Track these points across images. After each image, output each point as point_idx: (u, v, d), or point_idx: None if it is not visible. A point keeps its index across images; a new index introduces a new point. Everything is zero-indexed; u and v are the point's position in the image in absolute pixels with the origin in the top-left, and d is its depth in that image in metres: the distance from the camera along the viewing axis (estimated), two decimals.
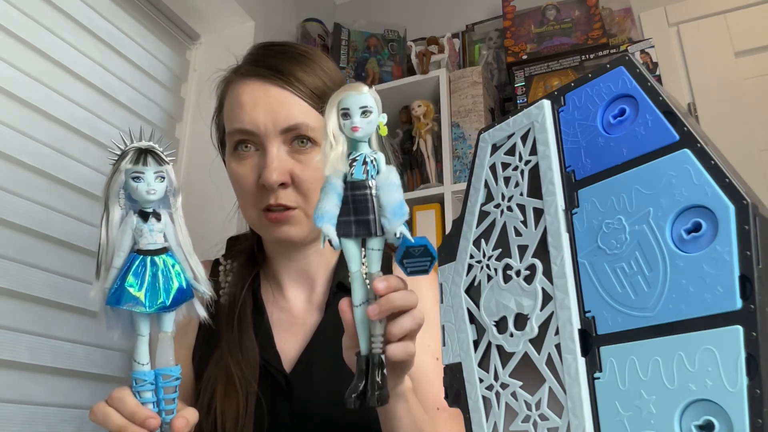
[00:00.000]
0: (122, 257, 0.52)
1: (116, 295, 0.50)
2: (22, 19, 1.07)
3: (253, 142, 0.72)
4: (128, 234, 0.52)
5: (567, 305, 0.32)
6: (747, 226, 0.26)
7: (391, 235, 0.51)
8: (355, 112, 0.51)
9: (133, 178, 0.51)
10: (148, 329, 0.53)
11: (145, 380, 0.52)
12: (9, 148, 1.01)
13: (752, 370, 0.25)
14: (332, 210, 0.52)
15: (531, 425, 0.33)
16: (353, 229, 0.51)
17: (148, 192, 0.51)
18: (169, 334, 0.54)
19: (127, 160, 0.52)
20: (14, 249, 0.99)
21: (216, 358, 0.73)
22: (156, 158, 0.52)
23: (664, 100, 0.31)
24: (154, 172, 0.52)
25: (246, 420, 0.69)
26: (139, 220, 0.52)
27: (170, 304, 0.52)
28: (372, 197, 0.51)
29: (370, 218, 0.51)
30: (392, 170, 0.52)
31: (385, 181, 0.51)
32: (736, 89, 1.54)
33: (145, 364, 0.52)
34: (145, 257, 0.52)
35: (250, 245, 0.84)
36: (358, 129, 0.51)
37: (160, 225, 0.53)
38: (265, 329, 0.76)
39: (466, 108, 1.55)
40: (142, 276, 0.51)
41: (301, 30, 1.87)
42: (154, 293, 0.51)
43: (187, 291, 0.54)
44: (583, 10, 1.58)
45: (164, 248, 0.53)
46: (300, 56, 0.75)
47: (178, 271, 0.53)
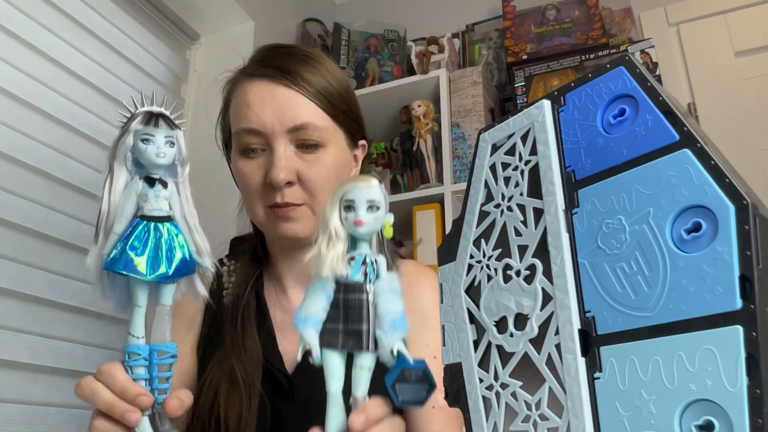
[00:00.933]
0: (124, 223, 0.49)
1: (116, 260, 0.47)
2: (22, 19, 1.07)
3: (260, 142, 0.72)
4: (132, 199, 0.49)
5: (567, 305, 0.32)
6: (747, 226, 0.26)
7: (386, 353, 0.43)
8: (360, 206, 0.45)
9: (142, 139, 0.49)
10: (146, 300, 0.49)
11: (139, 354, 0.48)
12: (9, 148, 1.01)
13: (752, 370, 0.25)
14: (318, 313, 0.44)
15: (531, 425, 0.33)
16: (341, 339, 0.44)
17: (158, 155, 0.49)
18: (167, 307, 0.51)
19: (137, 121, 0.49)
20: (14, 249, 0.99)
21: (219, 357, 0.73)
22: (168, 122, 0.50)
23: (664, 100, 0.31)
24: (165, 135, 0.50)
25: (249, 419, 0.69)
26: (144, 185, 0.49)
27: (172, 273, 0.48)
28: (368, 304, 0.44)
29: (363, 329, 0.44)
30: (395, 277, 0.47)
31: (386, 287, 0.45)
32: (736, 89, 1.54)
33: (140, 338, 0.49)
34: (148, 223, 0.49)
35: (253, 245, 0.84)
36: (363, 224, 0.44)
37: (166, 192, 0.50)
38: (267, 330, 0.77)
39: (466, 108, 1.55)
40: (144, 242, 0.48)
41: (301, 30, 1.87)
42: (156, 261, 0.48)
43: (190, 264, 0.51)
44: (583, 10, 1.58)
45: (168, 217, 0.50)
46: (306, 57, 0.76)
47: (182, 242, 0.50)
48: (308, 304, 0.45)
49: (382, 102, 1.70)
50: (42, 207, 1.05)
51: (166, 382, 0.50)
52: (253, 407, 0.70)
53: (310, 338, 0.44)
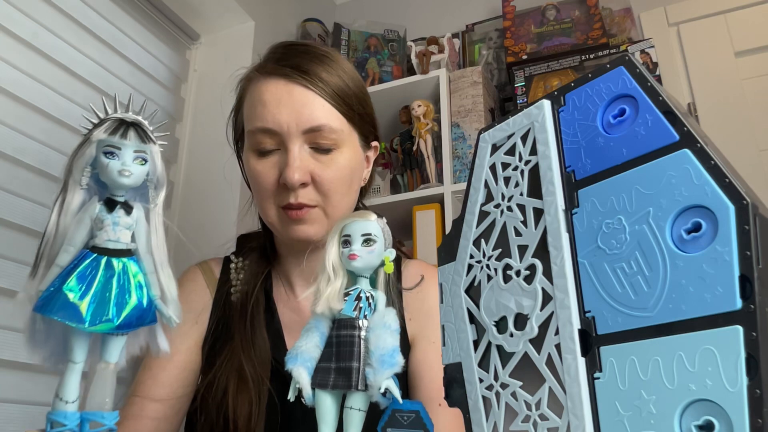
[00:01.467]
0: (71, 254, 0.39)
1: (49, 301, 0.37)
2: (22, 19, 1.07)
3: (275, 143, 0.72)
4: (85, 224, 0.40)
5: (567, 305, 0.32)
6: (747, 226, 0.26)
7: (375, 391, 0.41)
8: (356, 240, 0.45)
9: (105, 152, 0.40)
10: (84, 355, 0.39)
11: (65, 426, 0.38)
12: (9, 148, 1.01)
13: (752, 370, 0.25)
14: (310, 351, 0.43)
15: (531, 425, 0.33)
16: (331, 378, 0.42)
17: (121, 173, 0.39)
18: (111, 366, 0.40)
19: (101, 129, 0.40)
20: (14, 249, 0.99)
21: (228, 355, 0.73)
22: (140, 134, 0.41)
23: (664, 100, 0.31)
24: (134, 149, 0.40)
25: (258, 417, 0.69)
26: (102, 209, 0.40)
27: (120, 323, 0.38)
28: (360, 340, 0.43)
29: (353, 366, 0.42)
30: (391, 312, 0.45)
31: (379, 321, 0.43)
32: (736, 89, 1.54)
33: (71, 403, 0.39)
34: (99, 257, 0.39)
35: (262, 243, 0.84)
36: (357, 257, 0.44)
37: (129, 220, 0.41)
38: (276, 329, 0.77)
39: (466, 108, 1.55)
40: (89, 280, 0.38)
41: (301, 30, 1.87)
42: (102, 306, 0.38)
43: (148, 312, 0.41)
44: (583, 10, 1.58)
45: (128, 250, 0.40)
46: (323, 56, 0.76)
47: (141, 282, 0.40)
48: (300, 342, 0.44)
49: (382, 102, 1.70)
50: (42, 207, 1.05)
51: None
52: (263, 406, 0.70)
53: (298, 376, 0.42)
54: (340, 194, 0.73)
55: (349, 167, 0.74)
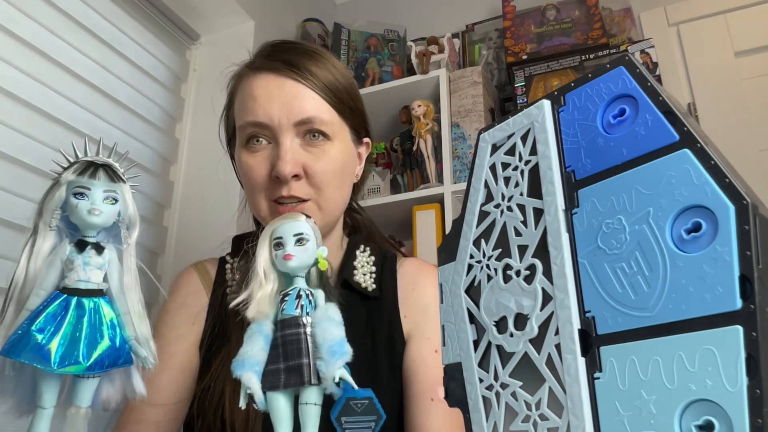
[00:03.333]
0: (42, 297, 0.38)
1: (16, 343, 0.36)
2: (22, 19, 1.07)
3: (266, 136, 0.72)
4: (56, 267, 0.39)
5: (567, 305, 0.32)
6: (747, 226, 0.26)
7: (329, 382, 0.41)
8: (288, 241, 0.45)
9: (75, 193, 0.40)
10: (54, 400, 0.38)
11: None
12: (9, 148, 1.01)
13: (752, 370, 0.25)
14: (256, 355, 0.43)
15: (531, 425, 0.33)
16: (282, 378, 0.42)
17: (90, 212, 0.39)
18: (82, 411, 0.39)
19: (70, 171, 0.41)
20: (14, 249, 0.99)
21: (224, 357, 0.73)
22: (110, 174, 0.41)
23: (664, 100, 0.31)
24: (103, 189, 0.41)
25: (256, 420, 0.69)
26: (73, 250, 0.40)
27: (90, 364, 0.37)
28: (306, 336, 0.43)
29: (304, 362, 0.42)
30: (332, 306, 0.45)
31: (322, 315, 0.44)
32: (736, 89, 1.54)
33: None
34: (69, 297, 0.38)
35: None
36: (291, 257, 0.44)
37: (100, 260, 0.40)
38: None
39: (466, 108, 1.55)
40: (59, 321, 0.37)
41: (301, 30, 1.87)
42: (72, 346, 0.37)
43: (121, 353, 0.39)
44: (583, 10, 1.58)
45: (99, 290, 0.40)
46: (312, 52, 0.77)
47: (114, 322, 0.40)
48: (245, 348, 0.43)
49: (382, 102, 1.70)
50: None
51: None
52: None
53: (248, 381, 0.42)
54: (333, 187, 0.74)
55: (341, 160, 0.75)
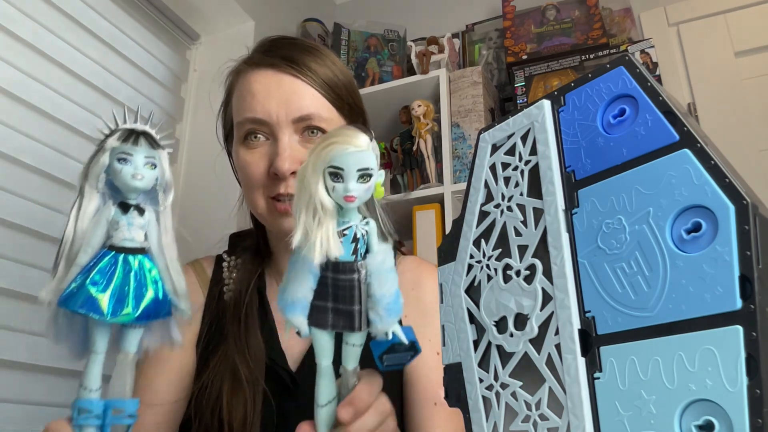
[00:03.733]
0: (90, 253, 0.42)
1: (73, 296, 0.40)
2: (22, 19, 1.07)
3: (264, 132, 0.72)
4: (102, 226, 0.43)
5: (567, 305, 0.32)
6: (747, 226, 0.26)
7: (380, 334, 0.41)
8: (350, 176, 0.38)
9: (118, 159, 0.43)
10: (106, 345, 0.42)
11: (90, 411, 0.41)
12: (9, 148, 1.01)
13: (752, 370, 0.25)
14: (306, 296, 0.41)
15: (531, 425, 0.33)
16: (330, 318, 0.41)
17: (134, 176, 0.42)
18: (131, 356, 0.43)
19: (115, 138, 0.44)
20: (14, 249, 0.99)
21: (221, 356, 0.72)
22: (150, 141, 0.44)
23: (664, 100, 0.31)
24: (145, 155, 0.43)
25: (254, 418, 0.68)
26: (117, 212, 0.43)
27: (139, 315, 0.41)
28: (360, 284, 0.40)
29: (355, 309, 0.41)
30: (388, 250, 0.42)
31: (380, 266, 0.41)
32: (736, 89, 1.54)
33: (94, 391, 0.41)
34: (117, 254, 0.42)
35: (255, 241, 0.84)
36: (354, 199, 0.39)
37: (142, 221, 0.44)
38: (269, 327, 0.76)
39: (466, 108, 1.55)
40: (109, 276, 0.41)
41: (301, 30, 1.87)
42: (121, 299, 0.41)
43: (163, 305, 0.44)
44: (583, 10, 1.58)
45: (142, 249, 0.43)
46: (311, 48, 0.76)
47: (156, 278, 0.43)
48: (294, 288, 0.41)
49: (382, 102, 1.70)
50: (42, 207, 1.05)
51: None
52: (258, 407, 0.69)
53: (299, 324, 0.41)
54: None
55: None
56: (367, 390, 0.45)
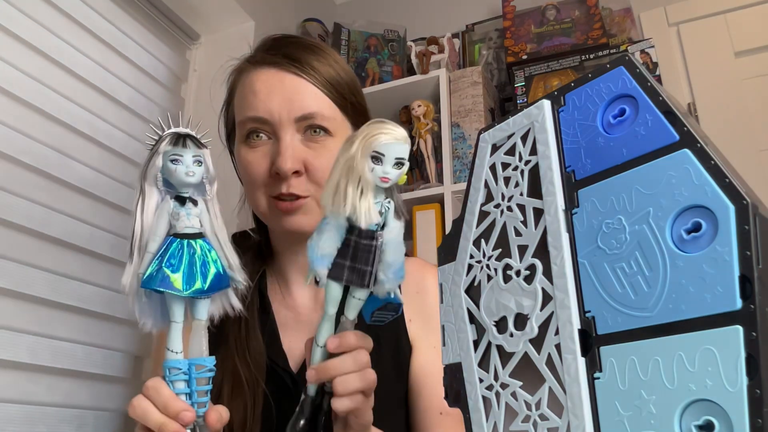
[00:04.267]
0: (157, 242, 0.50)
1: (153, 277, 0.49)
2: (22, 19, 1.07)
3: (266, 131, 0.71)
4: (164, 218, 0.51)
5: (567, 305, 0.32)
6: (747, 226, 0.26)
7: (383, 292, 0.50)
8: (388, 161, 0.47)
9: (171, 160, 0.50)
10: (183, 315, 0.51)
11: (179, 369, 0.50)
12: (9, 148, 1.01)
13: (752, 370, 0.25)
14: (332, 252, 0.50)
15: (531, 425, 0.33)
16: (345, 274, 0.50)
17: (187, 174, 0.50)
18: (203, 322, 0.52)
19: (166, 143, 0.51)
20: (14, 249, 0.99)
21: (222, 358, 0.72)
22: (194, 142, 0.52)
23: (664, 100, 0.31)
24: (192, 155, 0.51)
25: (254, 421, 0.68)
26: (176, 204, 0.51)
27: (207, 288, 0.50)
28: (376, 250, 0.49)
29: (368, 270, 0.49)
30: (401, 226, 0.51)
31: (395, 237, 0.50)
32: (736, 89, 1.54)
33: (179, 353, 0.50)
34: (182, 240, 0.50)
35: (256, 242, 0.83)
36: (389, 181, 0.48)
37: (197, 210, 0.52)
38: (271, 328, 0.76)
39: (466, 108, 1.55)
40: (179, 258, 0.50)
41: (301, 30, 1.87)
42: (191, 277, 0.49)
43: (224, 278, 0.52)
44: (583, 10, 1.58)
45: (200, 233, 0.52)
46: (313, 46, 0.76)
47: (215, 257, 0.52)
48: (324, 244, 0.49)
49: (382, 102, 1.70)
50: (42, 207, 1.05)
51: (205, 395, 0.51)
52: (258, 409, 0.69)
53: (321, 276, 0.50)
54: None
55: None
56: (356, 337, 0.52)
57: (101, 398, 1.12)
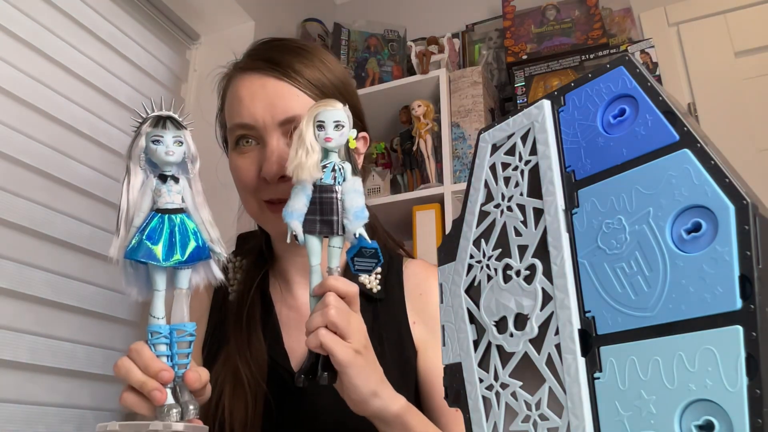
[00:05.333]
0: (142, 216, 0.54)
1: (135, 249, 0.52)
2: (22, 19, 1.07)
3: (253, 136, 0.72)
4: (148, 195, 0.54)
5: (567, 305, 0.32)
6: (747, 226, 0.26)
7: (350, 236, 0.57)
8: (329, 125, 0.57)
9: (153, 141, 0.54)
10: (164, 284, 0.55)
11: (160, 333, 0.54)
12: (9, 148, 1.01)
13: (752, 370, 0.25)
14: (301, 209, 0.57)
15: (531, 425, 0.33)
16: (318, 227, 0.57)
17: (167, 153, 0.54)
18: (184, 291, 0.56)
19: (148, 124, 0.55)
20: (14, 249, 0.99)
21: (224, 357, 0.72)
22: (174, 123, 0.55)
23: (664, 100, 0.31)
24: (172, 135, 0.55)
25: (254, 420, 0.68)
26: (158, 182, 0.55)
27: (186, 259, 0.54)
28: (337, 201, 0.57)
29: (334, 219, 0.57)
30: (357, 179, 0.58)
31: (351, 187, 0.58)
32: (736, 89, 1.54)
33: (160, 318, 0.54)
34: (163, 215, 0.54)
35: (259, 243, 0.84)
36: (331, 140, 0.57)
37: (178, 187, 0.55)
38: (273, 328, 0.76)
39: (466, 108, 1.55)
40: (159, 232, 0.53)
41: (301, 30, 1.87)
42: (171, 249, 0.53)
43: (203, 250, 0.56)
44: (583, 10, 1.58)
45: (181, 209, 0.55)
46: (298, 49, 0.75)
47: (195, 230, 0.55)
48: (293, 202, 0.57)
49: (382, 102, 1.70)
50: (42, 207, 1.05)
51: (185, 357, 0.55)
52: (258, 408, 0.69)
53: (295, 227, 0.57)
54: None
55: None
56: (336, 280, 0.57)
57: (101, 398, 1.12)
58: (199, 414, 0.54)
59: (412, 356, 0.76)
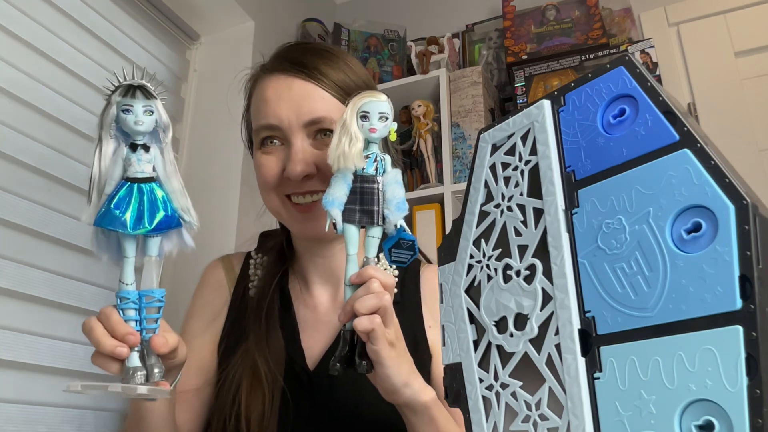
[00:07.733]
0: (113, 185, 0.54)
1: (103, 217, 0.53)
2: (22, 19, 1.07)
3: (278, 137, 0.73)
4: (119, 164, 0.55)
5: (567, 305, 0.32)
6: (747, 226, 0.26)
7: (391, 227, 0.57)
8: (373, 116, 0.58)
9: (123, 110, 0.54)
10: (134, 252, 0.55)
11: (129, 299, 0.54)
12: (9, 148, 1.01)
13: (752, 370, 0.25)
14: (341, 197, 0.58)
15: (531, 425, 0.33)
16: (357, 216, 0.58)
17: (136, 123, 0.54)
18: (153, 258, 0.56)
19: (117, 93, 0.55)
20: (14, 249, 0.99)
21: (242, 352, 0.73)
22: (145, 93, 0.55)
23: (664, 100, 0.31)
24: (142, 105, 0.55)
25: (271, 415, 0.69)
26: (128, 151, 0.55)
27: (153, 228, 0.54)
28: (379, 191, 0.58)
29: (375, 209, 0.57)
30: (398, 171, 0.59)
31: (393, 179, 0.59)
32: (736, 89, 1.54)
33: (130, 284, 0.55)
34: (132, 184, 0.54)
35: (280, 241, 0.85)
36: (376, 131, 0.57)
37: (149, 156, 0.55)
38: (291, 326, 0.77)
39: (466, 108, 1.55)
40: (127, 201, 0.53)
41: (301, 30, 1.87)
42: (139, 217, 0.53)
43: (173, 219, 0.56)
44: (583, 10, 1.58)
45: (151, 178, 0.55)
46: (324, 52, 0.77)
47: (164, 199, 0.55)
48: (333, 190, 0.58)
49: None
50: (42, 207, 1.05)
51: (154, 323, 0.56)
52: (275, 404, 0.70)
53: (336, 215, 0.57)
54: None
55: None
56: (374, 270, 0.57)
57: (101, 398, 1.12)
58: (164, 377, 0.55)
59: (427, 360, 0.76)
